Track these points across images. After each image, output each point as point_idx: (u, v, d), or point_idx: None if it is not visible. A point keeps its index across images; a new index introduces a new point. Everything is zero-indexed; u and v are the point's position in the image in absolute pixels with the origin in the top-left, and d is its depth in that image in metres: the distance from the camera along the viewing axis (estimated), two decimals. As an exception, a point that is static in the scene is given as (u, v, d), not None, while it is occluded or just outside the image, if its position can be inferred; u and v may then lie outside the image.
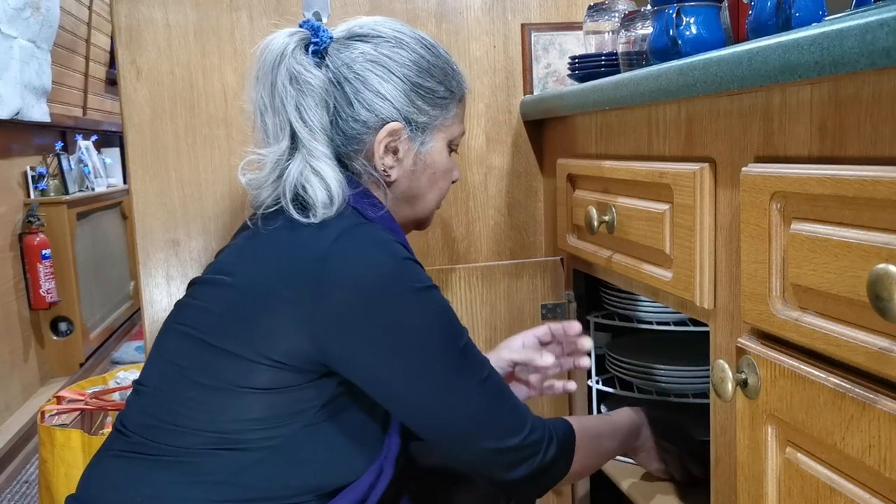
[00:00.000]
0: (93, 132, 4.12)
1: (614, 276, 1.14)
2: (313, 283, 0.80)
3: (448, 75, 0.96)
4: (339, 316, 0.79)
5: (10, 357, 2.76)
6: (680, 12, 0.95)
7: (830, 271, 0.61)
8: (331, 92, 0.90)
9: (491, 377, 0.86)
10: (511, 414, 0.87)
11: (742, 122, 0.78)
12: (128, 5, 1.29)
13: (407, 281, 0.82)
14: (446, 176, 1.00)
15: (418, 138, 0.94)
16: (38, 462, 1.78)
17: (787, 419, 0.67)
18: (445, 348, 0.83)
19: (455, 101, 0.97)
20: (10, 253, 2.87)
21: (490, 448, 0.85)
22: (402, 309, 0.81)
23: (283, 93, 0.87)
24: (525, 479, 0.88)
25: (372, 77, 0.90)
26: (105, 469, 0.86)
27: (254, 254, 0.88)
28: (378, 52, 0.91)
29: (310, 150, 0.87)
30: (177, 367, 0.85)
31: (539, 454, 0.88)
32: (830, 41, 0.57)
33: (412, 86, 0.92)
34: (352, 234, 0.82)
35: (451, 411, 0.84)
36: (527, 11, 1.46)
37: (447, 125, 0.96)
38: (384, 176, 0.93)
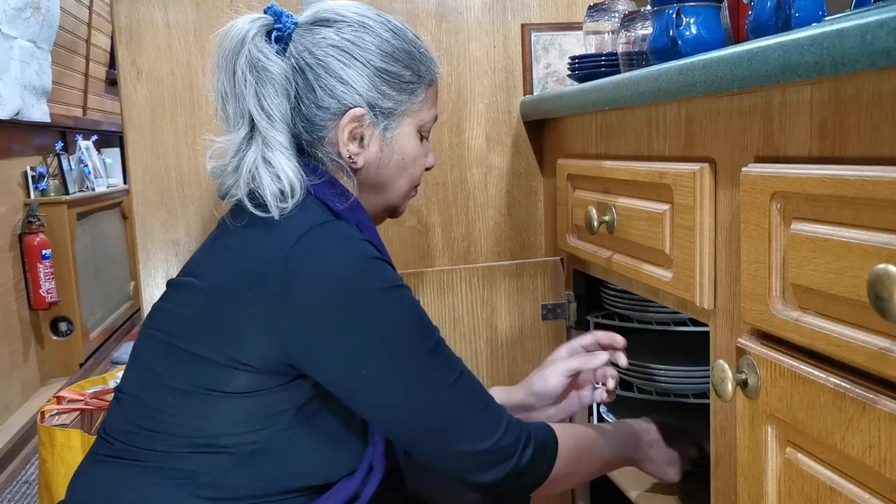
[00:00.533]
0: (93, 132, 4.12)
1: (614, 277, 1.14)
2: (277, 284, 0.78)
3: (416, 59, 0.93)
4: (304, 317, 0.78)
5: (10, 357, 2.76)
6: (680, 12, 0.95)
7: (830, 271, 0.61)
8: (292, 78, 0.88)
9: (463, 377, 0.84)
10: (484, 415, 0.85)
11: (742, 122, 0.78)
12: (128, 5, 1.29)
13: (373, 280, 0.80)
14: (416, 162, 0.97)
15: (383, 123, 0.91)
16: (37, 462, 1.78)
17: (788, 419, 0.67)
18: (413, 348, 0.81)
19: (423, 86, 0.94)
20: (10, 253, 2.87)
21: (462, 450, 0.83)
22: (368, 309, 0.79)
23: (243, 80, 0.85)
24: (499, 483, 0.85)
25: (334, 62, 0.88)
26: (91, 475, 0.86)
27: (220, 254, 0.87)
28: (340, 37, 0.89)
29: (266, 140, 0.85)
30: (152, 373, 0.84)
31: (513, 457, 0.85)
32: (830, 41, 0.57)
33: (376, 70, 0.90)
34: (316, 233, 0.80)
35: (420, 413, 0.82)
36: (527, 11, 1.46)
37: (415, 110, 0.94)
38: (350, 163, 0.91)
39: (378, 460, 0.88)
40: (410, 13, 1.41)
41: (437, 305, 1.37)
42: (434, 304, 1.37)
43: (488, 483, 0.85)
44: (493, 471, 0.84)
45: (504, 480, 0.85)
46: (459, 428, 0.83)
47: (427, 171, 1.01)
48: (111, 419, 0.87)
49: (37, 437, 1.83)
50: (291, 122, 0.89)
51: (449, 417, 0.83)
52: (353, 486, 0.86)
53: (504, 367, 1.41)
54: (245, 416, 0.81)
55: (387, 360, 0.80)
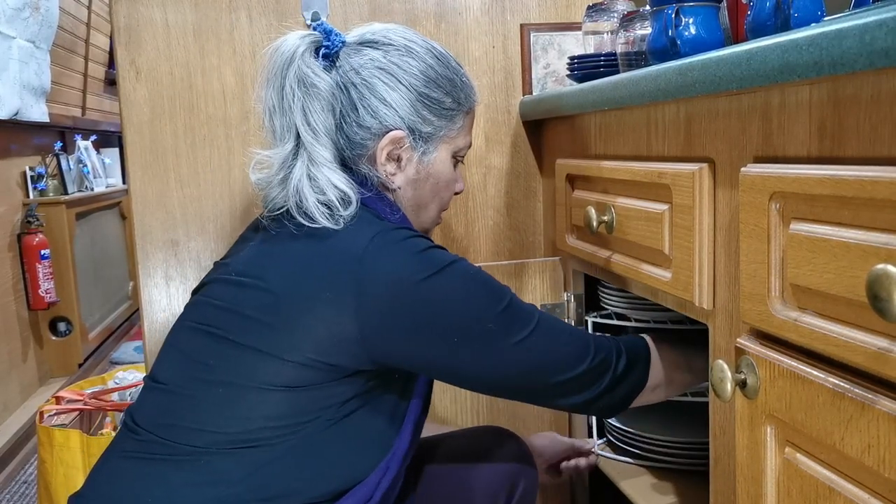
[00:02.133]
0: (92, 132, 4.12)
1: (613, 277, 1.14)
2: (354, 285, 0.82)
3: (457, 87, 0.96)
4: (383, 314, 0.82)
5: (9, 357, 2.76)
6: (679, 13, 0.95)
7: (829, 271, 0.61)
8: (338, 96, 0.91)
9: (542, 320, 0.89)
10: (571, 344, 0.90)
11: (741, 122, 0.78)
12: (127, 5, 1.29)
13: (428, 267, 0.84)
14: (449, 187, 1.01)
15: (421, 148, 0.95)
16: (36, 462, 1.78)
17: (787, 419, 0.67)
18: (489, 312, 0.85)
19: (462, 114, 0.98)
20: (8, 253, 2.87)
21: (562, 380, 0.89)
22: (435, 293, 0.83)
23: (291, 95, 0.88)
24: (601, 396, 0.92)
25: (378, 84, 0.91)
26: (114, 468, 0.86)
27: (283, 258, 0.88)
28: (387, 60, 0.92)
29: (311, 155, 0.88)
30: (200, 364, 0.86)
31: (609, 370, 0.92)
32: (829, 41, 0.57)
33: (418, 95, 0.93)
34: (381, 237, 0.84)
35: (515, 366, 0.87)
36: (526, 12, 1.46)
37: (452, 136, 0.97)
38: (389, 182, 0.95)
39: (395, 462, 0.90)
40: (410, 13, 1.41)
41: (437, 305, 1.37)
42: (433, 305, 1.36)
43: (588, 400, 0.92)
44: (591, 389, 0.91)
45: (604, 393, 0.92)
46: (553, 363, 0.89)
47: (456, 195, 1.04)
48: (143, 408, 0.88)
49: (36, 437, 1.83)
50: (336, 137, 0.92)
51: (541, 359, 0.88)
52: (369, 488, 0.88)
53: (503, 367, 1.41)
54: (289, 410, 0.83)
55: (468, 330, 0.85)
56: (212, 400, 0.83)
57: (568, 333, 0.92)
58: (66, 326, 3.25)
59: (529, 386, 0.90)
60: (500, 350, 0.86)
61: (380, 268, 0.82)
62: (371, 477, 0.88)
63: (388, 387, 0.89)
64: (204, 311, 0.89)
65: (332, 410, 0.84)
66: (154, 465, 0.83)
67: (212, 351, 0.85)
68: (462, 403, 1.40)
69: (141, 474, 0.83)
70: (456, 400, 1.40)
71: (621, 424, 1.30)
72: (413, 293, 0.83)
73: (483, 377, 0.88)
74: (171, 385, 0.87)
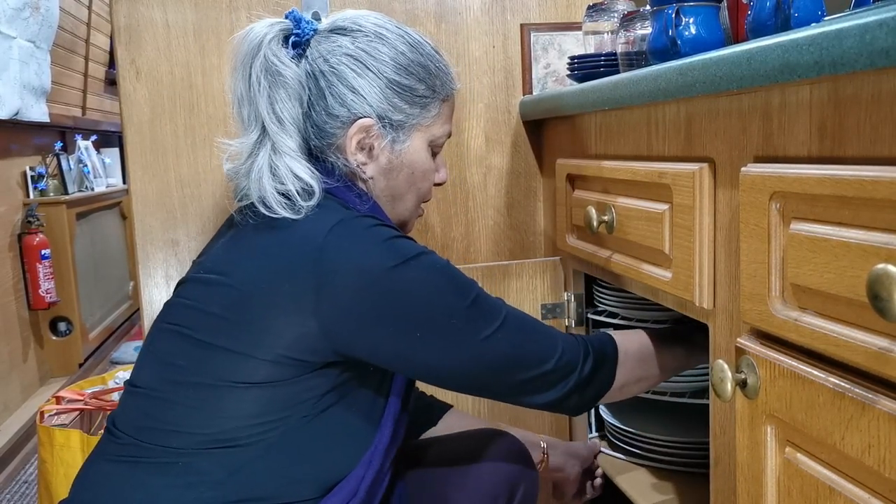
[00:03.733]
0: (92, 132, 4.12)
1: (614, 277, 1.14)
2: (314, 276, 0.80)
3: (431, 74, 0.94)
4: (345, 305, 0.80)
5: (10, 357, 2.76)
6: (679, 12, 0.95)
7: (830, 271, 0.61)
8: (306, 85, 0.89)
9: (510, 316, 0.88)
10: (540, 341, 0.89)
11: (741, 122, 0.78)
12: (127, 5, 1.29)
13: (396, 256, 0.82)
14: (426, 177, 0.98)
15: (392, 136, 0.92)
16: (37, 462, 1.78)
17: (787, 419, 0.67)
18: (455, 305, 0.84)
19: (437, 101, 0.95)
20: (9, 253, 2.87)
21: (527, 377, 0.88)
22: (401, 283, 0.81)
23: (257, 84, 0.87)
24: (567, 397, 0.90)
25: (347, 71, 0.89)
26: (97, 474, 0.86)
27: (246, 251, 0.87)
28: (355, 47, 0.90)
29: (275, 144, 0.87)
30: (171, 366, 0.85)
31: (576, 371, 0.90)
32: (829, 41, 0.57)
33: (388, 82, 0.90)
34: (343, 226, 0.82)
35: (480, 361, 0.85)
36: (526, 11, 1.46)
37: (427, 125, 0.95)
38: (360, 172, 0.93)
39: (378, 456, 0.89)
40: (410, 13, 1.41)
41: (437, 305, 1.37)
42: (433, 304, 1.36)
43: (554, 400, 0.90)
44: (558, 387, 0.90)
45: (571, 393, 0.91)
46: (519, 360, 0.87)
47: (438, 186, 1.02)
48: (122, 413, 0.87)
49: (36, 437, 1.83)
50: (303, 126, 0.90)
51: (507, 355, 0.86)
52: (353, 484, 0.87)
53: (503, 367, 1.41)
54: (264, 408, 0.82)
55: (433, 323, 0.83)
56: (185, 402, 0.82)
57: (535, 331, 0.90)
58: (67, 326, 3.25)
59: (494, 383, 0.88)
60: (465, 345, 0.84)
61: (342, 257, 0.81)
62: (354, 472, 0.87)
63: (363, 380, 0.88)
64: (175, 312, 0.88)
65: (307, 406, 0.83)
66: (135, 469, 0.83)
67: (182, 352, 0.85)
68: (463, 404, 1.40)
69: (122, 479, 0.83)
70: (457, 400, 1.40)
71: (620, 423, 1.30)
72: (378, 283, 0.81)
73: (446, 372, 0.86)
74: (146, 388, 0.86)
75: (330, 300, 0.80)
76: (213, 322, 0.84)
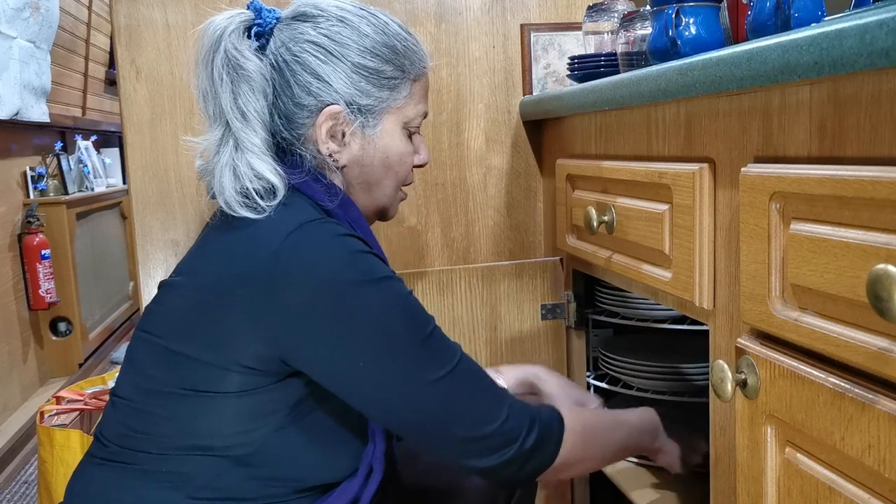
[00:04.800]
0: (92, 132, 4.12)
1: (614, 277, 1.14)
2: (267, 282, 0.77)
3: (399, 54, 0.90)
4: (295, 314, 0.77)
5: (10, 357, 2.76)
6: (679, 13, 0.95)
7: (830, 271, 0.61)
8: (269, 77, 0.87)
9: (462, 364, 0.82)
10: (485, 400, 0.83)
11: (741, 122, 0.78)
12: (127, 5, 1.29)
13: (360, 273, 0.78)
14: (402, 160, 0.94)
15: (362, 121, 0.89)
16: (37, 462, 1.78)
17: (787, 419, 0.67)
18: (407, 339, 0.79)
19: (407, 81, 0.91)
20: (9, 253, 2.87)
21: (464, 436, 0.82)
22: (357, 302, 0.78)
23: (219, 78, 0.84)
24: (502, 467, 0.83)
25: (310, 58, 0.87)
26: (87, 478, 0.86)
27: (208, 253, 0.86)
28: (317, 32, 0.87)
29: (238, 140, 0.84)
30: (144, 376, 0.84)
31: (516, 442, 0.83)
32: (829, 41, 0.57)
33: (353, 66, 0.87)
34: (304, 230, 0.79)
35: (419, 403, 0.80)
36: (526, 12, 1.46)
37: (399, 106, 0.91)
38: (332, 161, 0.90)
39: (378, 461, 0.87)
40: (410, 13, 1.41)
41: (437, 305, 1.37)
42: (433, 305, 1.37)
43: (490, 468, 0.84)
44: (495, 455, 0.83)
45: (506, 465, 0.84)
46: (461, 414, 0.81)
47: (419, 168, 0.98)
48: (106, 422, 0.87)
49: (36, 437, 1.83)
50: (270, 119, 0.87)
51: (449, 405, 0.81)
52: (353, 489, 0.86)
53: (503, 368, 1.41)
54: (238, 417, 0.80)
55: (380, 352, 0.78)
56: (160, 412, 0.81)
57: (485, 388, 0.84)
58: (67, 326, 3.25)
59: (431, 431, 0.82)
60: (408, 383, 0.79)
61: (299, 263, 0.77)
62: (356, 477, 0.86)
63: None
64: (148, 318, 0.87)
65: (281, 414, 0.81)
66: (122, 473, 0.82)
67: (153, 361, 0.83)
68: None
69: (110, 482, 0.83)
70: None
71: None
72: (335, 295, 0.77)
73: (380, 407, 0.81)
74: (125, 399, 0.85)
75: (279, 307, 0.77)
76: (178, 328, 0.82)
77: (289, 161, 0.88)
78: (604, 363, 1.39)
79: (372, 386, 0.79)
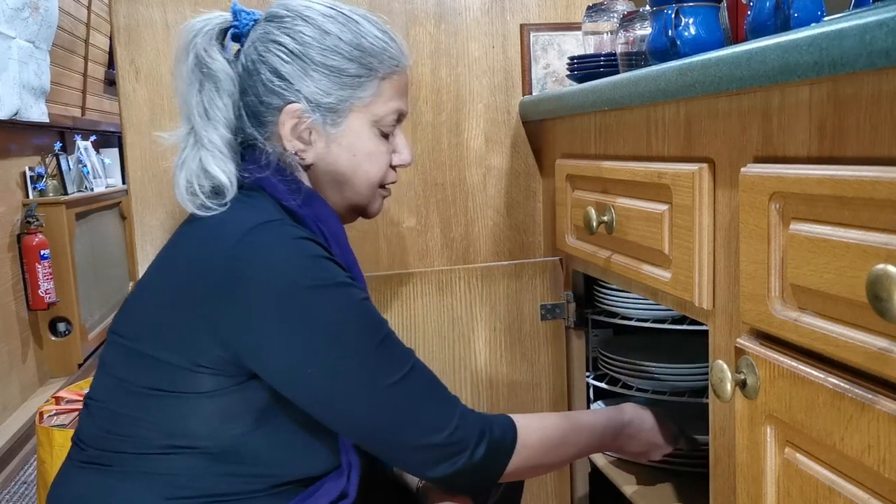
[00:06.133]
0: (91, 132, 4.12)
1: (613, 277, 1.14)
2: (223, 283, 0.78)
3: (365, 52, 0.89)
4: (249, 316, 0.77)
5: (9, 358, 2.76)
6: (679, 13, 0.95)
7: (829, 272, 0.61)
8: (235, 78, 0.89)
9: (415, 371, 0.83)
10: (436, 409, 0.83)
11: (741, 122, 0.78)
12: (127, 5, 1.28)
13: (314, 278, 0.78)
14: (372, 159, 0.92)
15: (323, 119, 0.89)
16: (36, 463, 1.77)
17: (786, 419, 0.67)
18: (359, 344, 0.80)
19: (374, 79, 0.90)
20: (8, 253, 2.87)
21: (414, 444, 0.82)
22: (311, 307, 0.78)
23: (188, 78, 0.87)
24: (452, 476, 0.83)
25: (273, 58, 0.88)
26: (68, 481, 0.86)
27: (170, 251, 0.87)
28: (280, 31, 0.88)
29: (199, 138, 0.86)
30: (115, 378, 0.84)
31: (466, 451, 0.83)
32: (829, 41, 0.57)
33: (314, 65, 0.87)
34: (258, 232, 0.80)
35: (369, 409, 0.80)
36: (525, 12, 1.46)
37: (364, 105, 0.90)
38: (299, 160, 0.90)
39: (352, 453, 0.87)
40: (409, 13, 1.41)
41: (436, 306, 1.37)
42: (433, 305, 1.37)
43: (440, 477, 0.84)
44: (444, 465, 0.83)
45: (456, 474, 0.83)
46: (411, 422, 0.81)
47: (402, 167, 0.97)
48: (82, 427, 0.87)
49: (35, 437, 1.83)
50: (239, 118, 0.89)
51: (400, 412, 0.81)
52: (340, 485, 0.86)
53: (503, 368, 1.41)
54: (211, 417, 0.80)
55: (333, 357, 0.79)
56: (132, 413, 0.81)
57: (438, 396, 0.84)
58: (66, 327, 3.24)
59: (381, 438, 0.82)
60: (362, 387, 0.79)
61: (255, 265, 0.77)
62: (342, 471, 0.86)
63: None
64: (119, 319, 0.88)
65: (253, 415, 0.81)
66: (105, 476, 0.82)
67: (123, 362, 0.84)
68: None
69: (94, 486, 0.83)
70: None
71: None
72: (290, 299, 0.77)
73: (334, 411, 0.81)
74: (98, 401, 0.86)
75: (234, 310, 0.77)
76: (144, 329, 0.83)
77: (254, 159, 0.89)
78: (603, 363, 1.39)
79: (325, 390, 0.79)
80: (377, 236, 1.44)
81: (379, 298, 1.34)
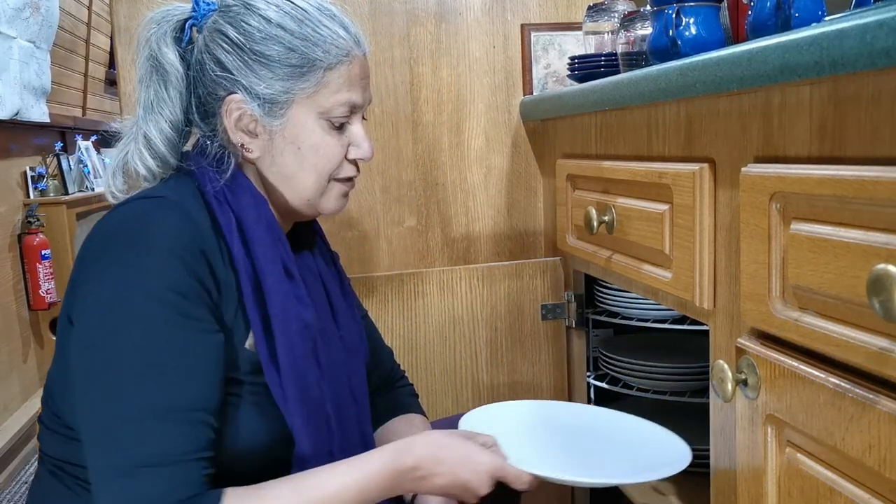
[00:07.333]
0: (92, 132, 4.12)
1: (614, 277, 1.14)
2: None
3: (310, 42, 0.85)
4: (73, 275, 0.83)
5: (10, 358, 2.76)
6: (679, 13, 0.95)
7: (830, 271, 0.61)
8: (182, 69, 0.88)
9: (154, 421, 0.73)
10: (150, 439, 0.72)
11: (742, 122, 0.78)
12: (127, 5, 1.28)
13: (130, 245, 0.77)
14: (320, 153, 0.88)
15: (262, 111, 0.86)
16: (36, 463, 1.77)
17: (787, 419, 0.67)
18: (124, 348, 0.74)
19: (319, 70, 0.86)
20: (9, 253, 2.87)
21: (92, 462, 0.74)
22: (100, 272, 0.78)
23: (140, 69, 0.89)
24: None
25: (216, 48, 0.87)
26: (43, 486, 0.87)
27: None
28: (225, 21, 0.87)
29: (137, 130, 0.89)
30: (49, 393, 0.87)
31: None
32: (830, 41, 0.57)
33: (252, 55, 0.85)
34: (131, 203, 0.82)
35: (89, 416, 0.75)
36: (526, 12, 1.46)
37: (307, 96, 0.86)
38: (244, 151, 0.88)
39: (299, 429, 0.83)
40: (410, 13, 1.41)
41: (437, 305, 1.37)
42: (434, 305, 1.37)
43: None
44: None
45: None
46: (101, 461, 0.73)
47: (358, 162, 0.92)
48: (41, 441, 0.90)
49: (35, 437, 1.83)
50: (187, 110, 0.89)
51: (101, 441, 0.73)
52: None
53: (503, 368, 1.41)
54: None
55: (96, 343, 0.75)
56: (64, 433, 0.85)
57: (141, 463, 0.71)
58: (67, 326, 3.24)
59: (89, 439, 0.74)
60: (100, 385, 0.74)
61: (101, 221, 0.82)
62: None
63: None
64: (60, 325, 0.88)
65: None
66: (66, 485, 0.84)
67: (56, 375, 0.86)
68: (464, 405, 1.40)
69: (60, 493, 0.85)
70: (457, 401, 1.40)
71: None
72: (86, 251, 0.81)
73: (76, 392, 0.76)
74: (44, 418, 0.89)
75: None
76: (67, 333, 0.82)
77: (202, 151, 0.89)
78: (604, 363, 1.39)
79: (74, 369, 0.77)
80: (378, 236, 1.44)
81: (379, 298, 1.34)
